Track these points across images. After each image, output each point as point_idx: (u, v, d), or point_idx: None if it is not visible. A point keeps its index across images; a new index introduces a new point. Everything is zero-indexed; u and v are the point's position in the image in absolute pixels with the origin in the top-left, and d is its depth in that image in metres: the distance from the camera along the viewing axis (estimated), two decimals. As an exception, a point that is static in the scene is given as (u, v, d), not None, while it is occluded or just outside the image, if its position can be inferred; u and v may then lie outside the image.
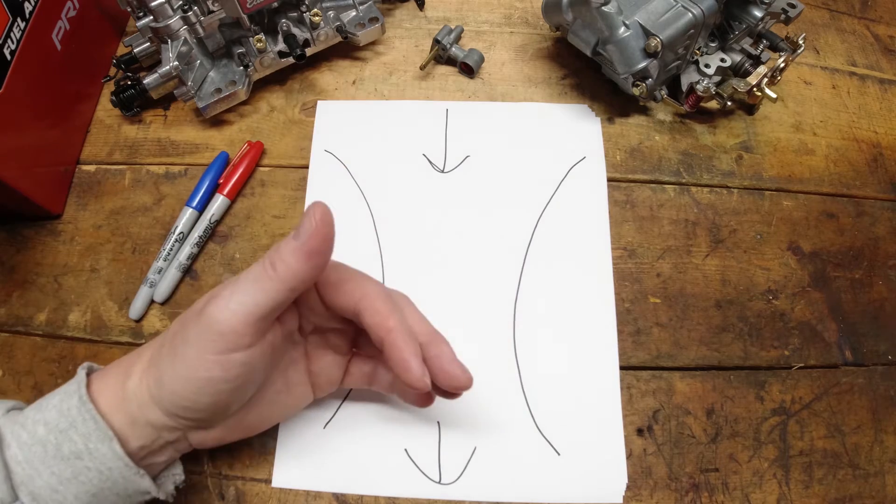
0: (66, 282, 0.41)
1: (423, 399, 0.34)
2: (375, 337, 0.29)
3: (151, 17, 0.41)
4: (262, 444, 0.36)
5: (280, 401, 0.32)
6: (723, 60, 0.43)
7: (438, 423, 0.36)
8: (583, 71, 0.48)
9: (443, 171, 0.44)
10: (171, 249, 0.40)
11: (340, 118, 0.46)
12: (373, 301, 0.29)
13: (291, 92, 0.47)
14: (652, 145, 0.45)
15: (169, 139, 0.45)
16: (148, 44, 0.44)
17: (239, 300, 0.26)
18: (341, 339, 0.33)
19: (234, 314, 0.26)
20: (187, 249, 0.40)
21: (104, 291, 0.40)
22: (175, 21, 0.41)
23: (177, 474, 0.31)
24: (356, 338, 0.34)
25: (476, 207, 0.43)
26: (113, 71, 0.46)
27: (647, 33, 0.40)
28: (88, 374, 0.29)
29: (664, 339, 0.39)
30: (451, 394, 0.31)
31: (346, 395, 0.37)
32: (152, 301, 0.40)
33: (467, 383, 0.30)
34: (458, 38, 0.48)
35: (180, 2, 0.40)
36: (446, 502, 0.35)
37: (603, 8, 0.40)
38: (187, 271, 0.41)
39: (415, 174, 0.44)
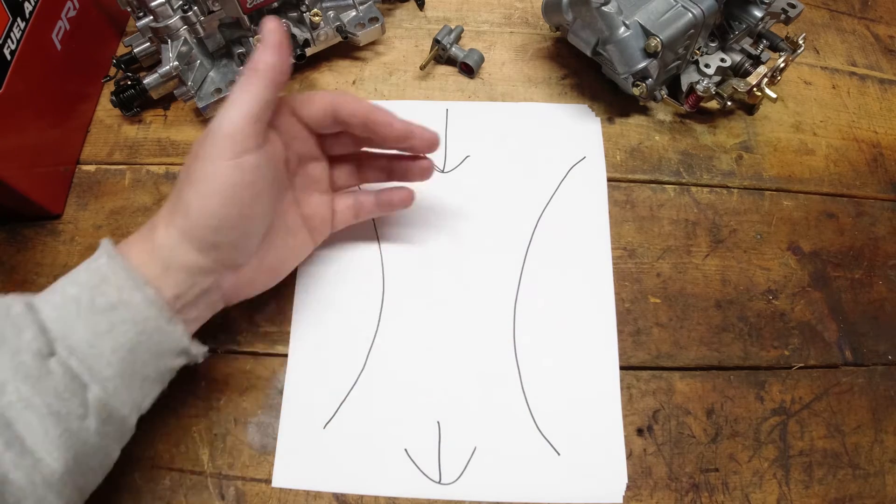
0: (66, 282, 0.41)
1: (405, 196, 0.38)
2: (358, 122, 0.33)
3: (151, 17, 0.41)
4: (262, 444, 0.36)
5: (289, 244, 0.36)
6: (723, 60, 0.43)
7: (438, 423, 0.36)
8: (583, 71, 0.48)
9: (443, 171, 0.44)
10: (171, 249, 0.40)
11: (340, 118, 0.46)
12: (343, 97, 0.33)
13: (291, 92, 0.47)
14: (652, 145, 0.45)
15: (169, 139, 0.45)
16: (148, 44, 0.44)
17: (236, 107, 0.29)
18: (320, 171, 0.36)
19: (236, 118, 0.29)
20: (187, 249, 0.40)
21: (104, 291, 0.40)
22: (175, 21, 0.41)
23: (200, 347, 0.31)
24: (331, 173, 0.37)
25: (476, 207, 0.43)
26: (113, 71, 0.46)
27: (647, 33, 0.40)
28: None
29: (664, 339, 0.39)
30: (422, 163, 0.37)
31: (347, 396, 0.37)
32: (152, 301, 0.40)
33: (436, 140, 0.35)
34: (458, 38, 0.48)
35: (180, 2, 0.40)
36: (446, 502, 0.35)
37: (603, 8, 0.40)
38: (187, 271, 0.41)
39: (415, 174, 0.44)
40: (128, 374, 0.27)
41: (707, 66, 0.43)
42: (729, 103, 0.43)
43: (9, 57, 0.37)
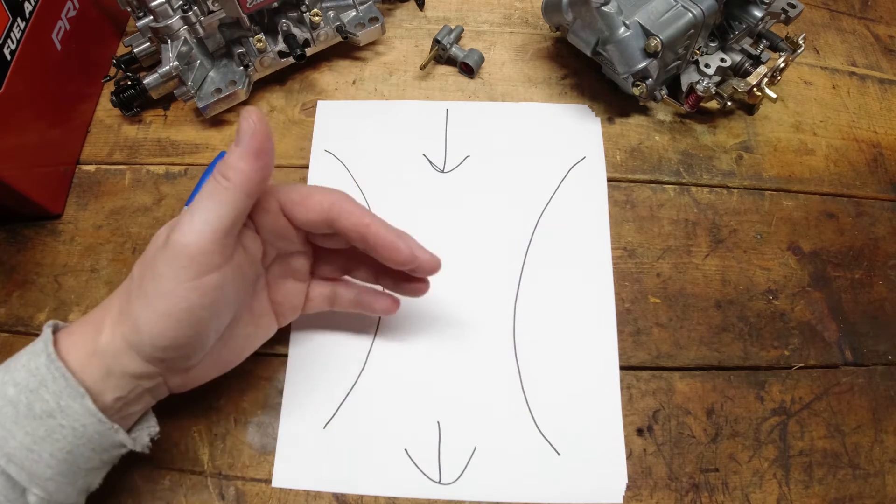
0: (66, 282, 0.41)
1: (389, 305, 0.35)
2: (355, 235, 0.30)
3: (151, 17, 0.41)
4: (262, 444, 0.36)
5: (249, 333, 0.33)
6: (723, 60, 0.43)
7: (438, 423, 0.36)
8: (583, 71, 0.48)
9: (443, 171, 0.44)
10: (171, 249, 0.40)
11: (340, 118, 0.46)
12: (343, 204, 0.30)
13: (291, 92, 0.47)
14: (652, 145, 0.45)
15: (169, 139, 0.45)
16: (148, 44, 0.44)
17: (202, 219, 0.26)
18: (301, 264, 0.34)
19: (202, 234, 0.26)
20: (187, 249, 0.40)
21: (104, 291, 0.40)
22: (175, 21, 0.41)
23: (151, 426, 0.30)
24: (314, 262, 0.35)
25: (476, 207, 0.43)
26: (113, 71, 0.46)
27: (647, 33, 0.40)
28: (54, 333, 0.28)
29: (664, 339, 0.39)
30: (418, 284, 0.34)
31: (347, 396, 0.37)
32: (152, 301, 0.40)
33: (439, 264, 0.32)
34: (458, 38, 0.48)
35: (180, 2, 0.40)
36: (446, 502, 0.35)
37: (603, 8, 0.40)
38: (187, 271, 0.41)
39: (415, 174, 0.44)
40: (69, 471, 0.27)
41: (707, 66, 0.43)
42: (729, 103, 0.43)
43: (9, 57, 0.37)
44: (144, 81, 0.43)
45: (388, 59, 0.49)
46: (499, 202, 0.43)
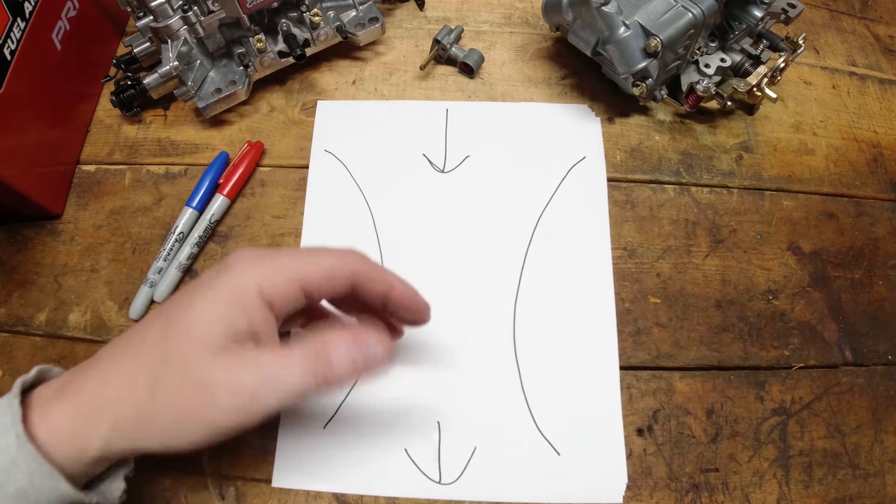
0: (66, 282, 0.41)
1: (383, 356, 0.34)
2: (377, 298, 0.30)
3: (151, 17, 0.41)
4: (262, 444, 0.36)
5: None
6: (723, 60, 0.43)
7: (438, 423, 0.36)
8: (583, 71, 0.48)
9: (443, 171, 0.44)
10: (171, 249, 0.40)
11: (340, 118, 0.46)
12: (367, 270, 0.30)
13: (291, 92, 0.47)
14: (652, 145, 0.45)
15: (169, 139, 0.45)
16: (148, 44, 0.44)
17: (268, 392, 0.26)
18: (296, 323, 0.33)
19: (250, 414, 0.27)
20: (187, 249, 0.40)
21: (104, 291, 0.40)
22: (175, 21, 0.41)
23: (128, 471, 0.29)
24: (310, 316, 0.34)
25: (476, 207, 0.43)
26: (113, 71, 0.46)
27: (647, 33, 0.40)
28: (23, 399, 0.26)
29: (664, 339, 0.39)
30: (396, 334, 0.34)
31: (347, 395, 0.37)
32: (152, 301, 0.40)
33: (429, 315, 0.32)
34: (458, 38, 0.48)
35: (180, 2, 0.40)
36: (446, 502, 0.35)
37: (603, 8, 0.40)
38: (187, 271, 0.41)
39: (415, 174, 0.44)
40: None
41: (707, 66, 0.43)
42: (729, 103, 0.43)
43: (9, 57, 0.37)
44: (144, 81, 0.43)
45: (388, 59, 0.49)
46: (499, 202, 0.43)
